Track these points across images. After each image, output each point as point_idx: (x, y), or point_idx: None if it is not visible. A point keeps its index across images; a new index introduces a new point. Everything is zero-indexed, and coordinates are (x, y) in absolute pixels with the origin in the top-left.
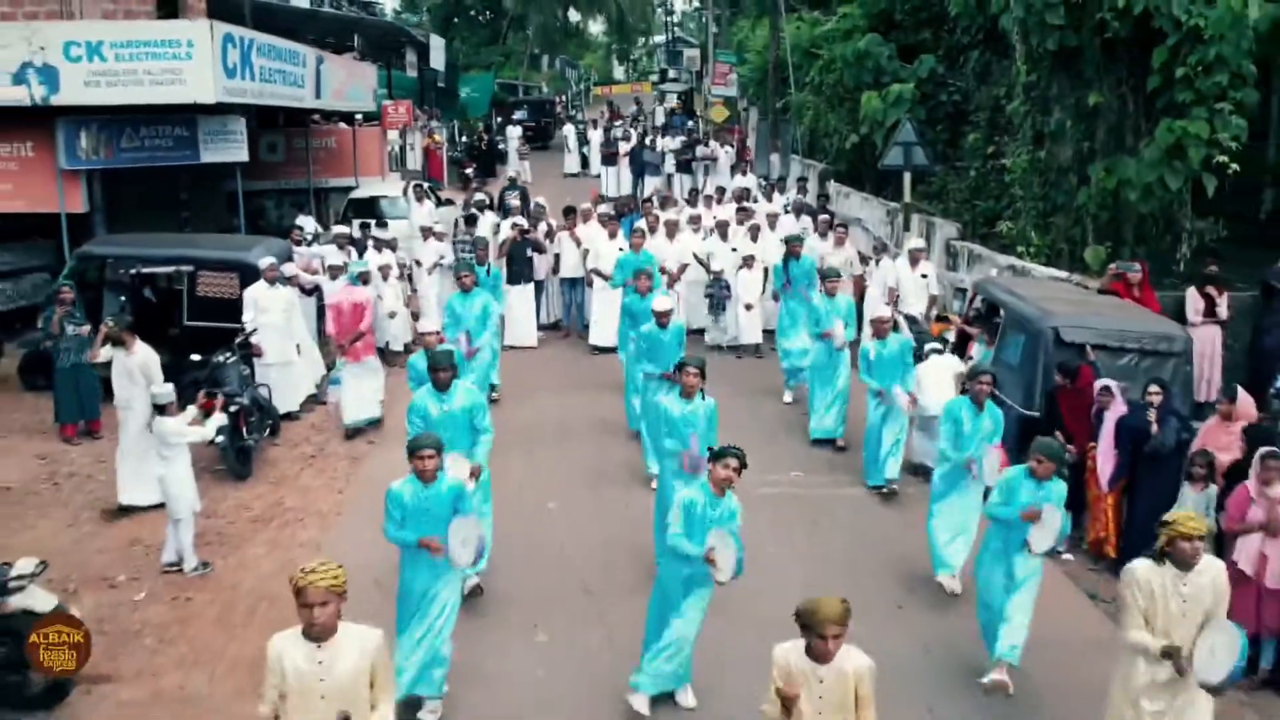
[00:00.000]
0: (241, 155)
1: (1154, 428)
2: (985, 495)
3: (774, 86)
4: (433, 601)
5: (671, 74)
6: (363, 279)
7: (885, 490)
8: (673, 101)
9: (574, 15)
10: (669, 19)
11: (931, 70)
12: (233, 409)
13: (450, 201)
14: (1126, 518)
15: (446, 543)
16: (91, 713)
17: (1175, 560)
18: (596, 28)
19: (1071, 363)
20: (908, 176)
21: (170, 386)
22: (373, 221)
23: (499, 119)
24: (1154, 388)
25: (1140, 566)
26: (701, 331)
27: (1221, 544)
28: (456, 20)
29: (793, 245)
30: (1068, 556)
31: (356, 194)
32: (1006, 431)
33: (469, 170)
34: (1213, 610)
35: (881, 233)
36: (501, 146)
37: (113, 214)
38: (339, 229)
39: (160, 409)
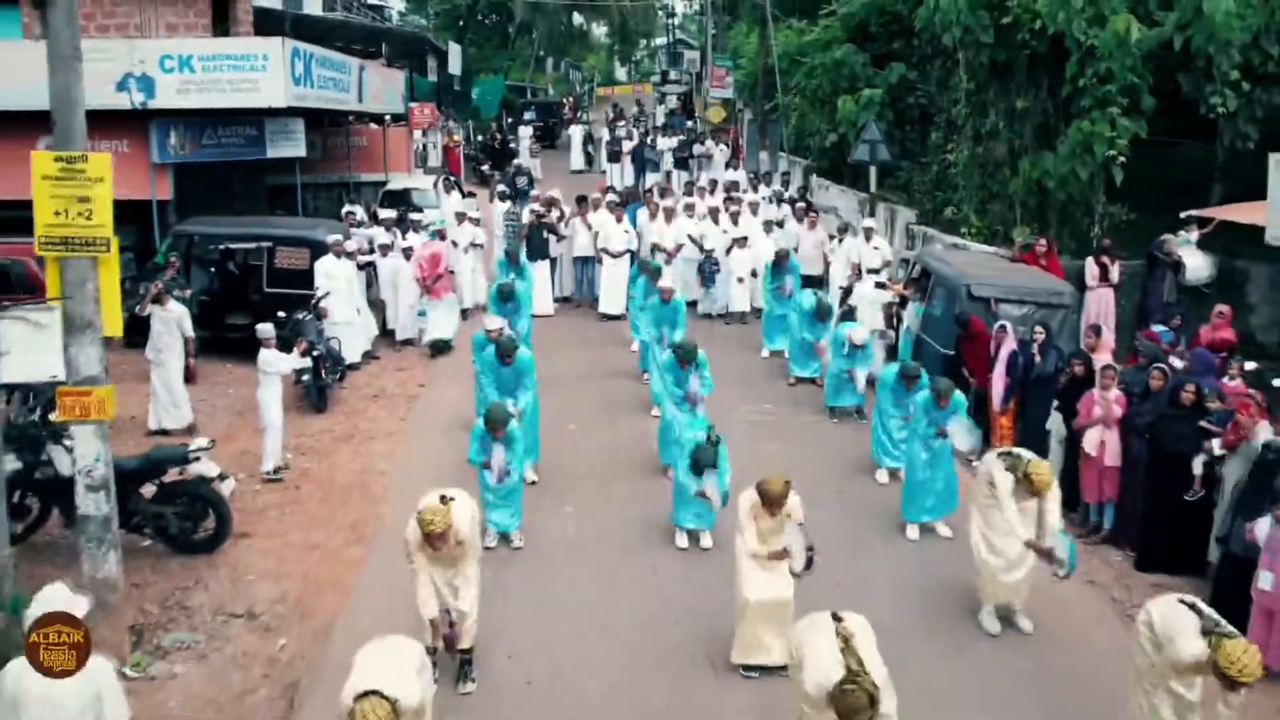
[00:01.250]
0: (300, 151)
1: (1036, 358)
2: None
3: (763, 90)
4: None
5: (672, 75)
6: (440, 235)
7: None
8: (673, 103)
9: (577, 18)
10: (670, 21)
11: (901, 77)
12: (315, 354)
13: (473, 194)
14: (1020, 432)
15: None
16: (242, 555)
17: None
18: (599, 30)
19: (964, 314)
20: (874, 170)
21: (271, 326)
22: (408, 209)
23: (509, 120)
24: (1038, 329)
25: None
26: (694, 303)
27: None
28: (463, 22)
29: (779, 256)
30: (978, 464)
31: (390, 187)
32: (931, 367)
33: (484, 167)
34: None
35: (854, 219)
36: (513, 145)
37: (181, 202)
38: (386, 214)
39: (262, 343)
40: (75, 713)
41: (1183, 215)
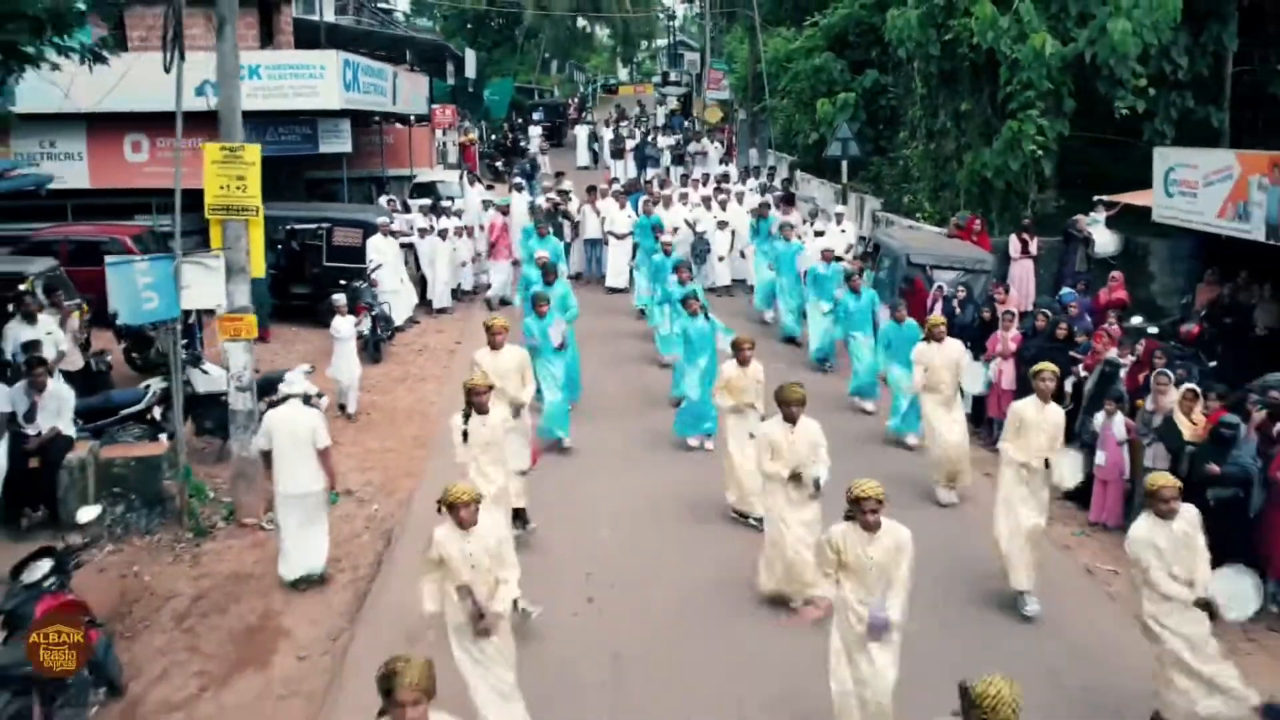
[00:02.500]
0: (346, 147)
1: (958, 310)
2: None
3: (753, 93)
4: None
5: (673, 76)
6: (502, 211)
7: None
8: (673, 103)
9: (580, 21)
10: (671, 24)
11: (874, 81)
12: (373, 315)
13: (491, 186)
14: None
15: None
16: (335, 455)
17: None
18: (602, 32)
19: (909, 275)
20: (845, 164)
21: (343, 296)
22: (437, 199)
23: (519, 120)
24: (960, 289)
25: None
26: None
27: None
28: (470, 25)
29: (761, 209)
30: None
31: (418, 180)
32: (879, 317)
33: (498, 164)
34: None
35: (829, 207)
36: (523, 144)
37: None
38: (423, 202)
39: (336, 311)
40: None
41: (1095, 199)
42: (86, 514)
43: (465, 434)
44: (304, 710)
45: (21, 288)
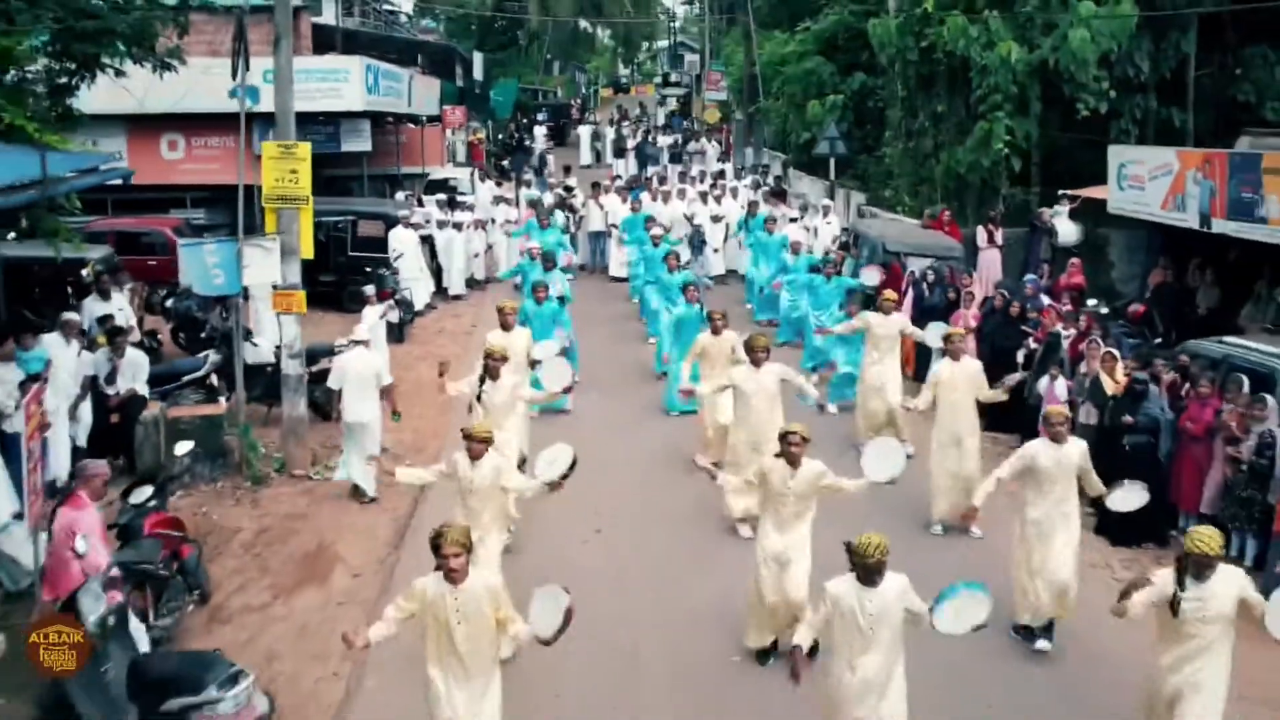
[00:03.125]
0: (366, 146)
1: (927, 292)
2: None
3: (748, 95)
4: None
5: (673, 77)
6: (531, 205)
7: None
8: (673, 104)
9: (582, 23)
10: (671, 25)
11: (862, 84)
12: (396, 298)
13: (500, 183)
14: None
15: None
16: None
17: None
18: (604, 34)
19: (887, 261)
20: (832, 162)
21: (373, 287)
22: (452, 194)
23: (523, 120)
24: (930, 273)
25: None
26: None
27: None
28: (474, 28)
29: (751, 207)
30: None
31: (432, 177)
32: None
33: (504, 162)
34: None
35: (818, 202)
36: (528, 143)
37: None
38: (439, 197)
39: (366, 300)
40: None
41: (1060, 193)
42: (182, 448)
43: (480, 396)
44: (360, 613)
45: (84, 272)
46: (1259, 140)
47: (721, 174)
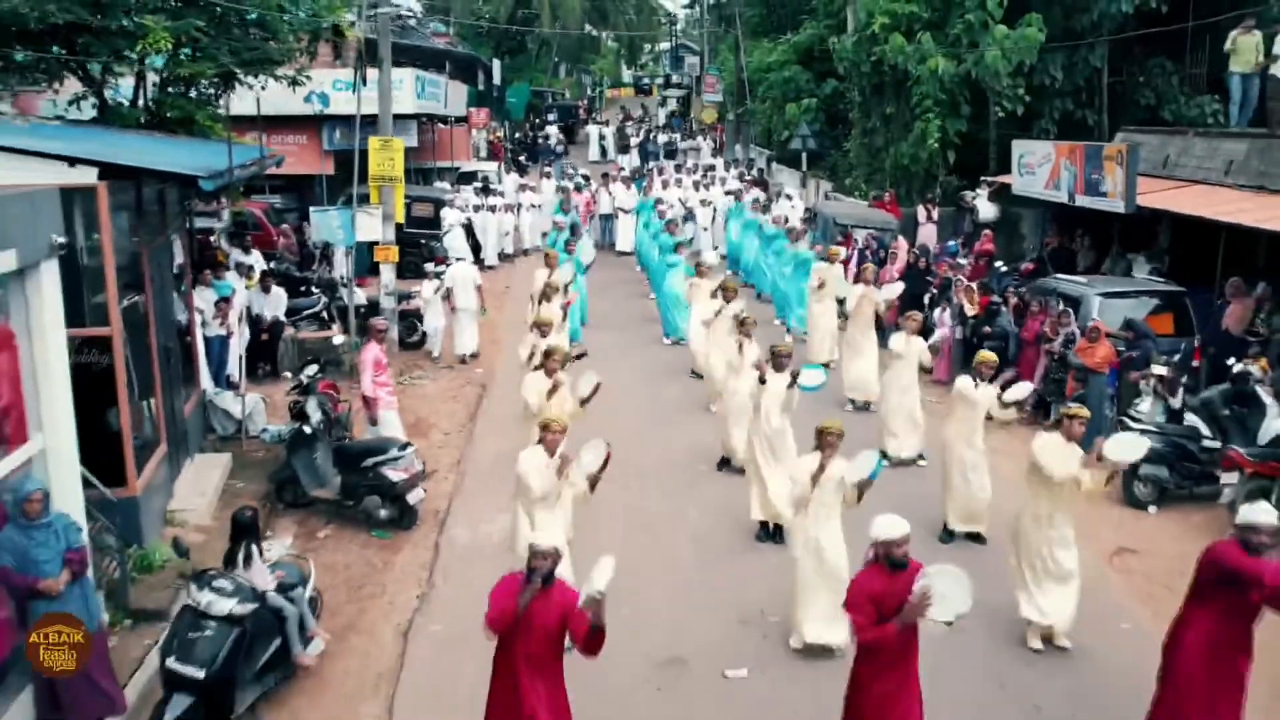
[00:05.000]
0: (413, 142)
1: (869, 254)
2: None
3: (738, 98)
4: None
5: (675, 79)
6: (577, 187)
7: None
8: (673, 105)
9: (587, 27)
10: (673, 28)
11: (834, 89)
12: (446, 265)
13: (523, 174)
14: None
15: None
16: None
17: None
18: (608, 37)
19: (839, 232)
20: (804, 156)
21: (432, 264)
22: (485, 183)
23: (536, 120)
24: (871, 240)
25: None
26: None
27: None
28: (482, 33)
29: (736, 194)
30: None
31: (463, 170)
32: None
33: (521, 157)
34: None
35: (791, 189)
36: (540, 141)
37: (335, 177)
38: (475, 185)
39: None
40: None
41: (980, 179)
42: (312, 369)
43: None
44: (454, 453)
45: (211, 238)
46: (1129, 135)
47: (712, 167)
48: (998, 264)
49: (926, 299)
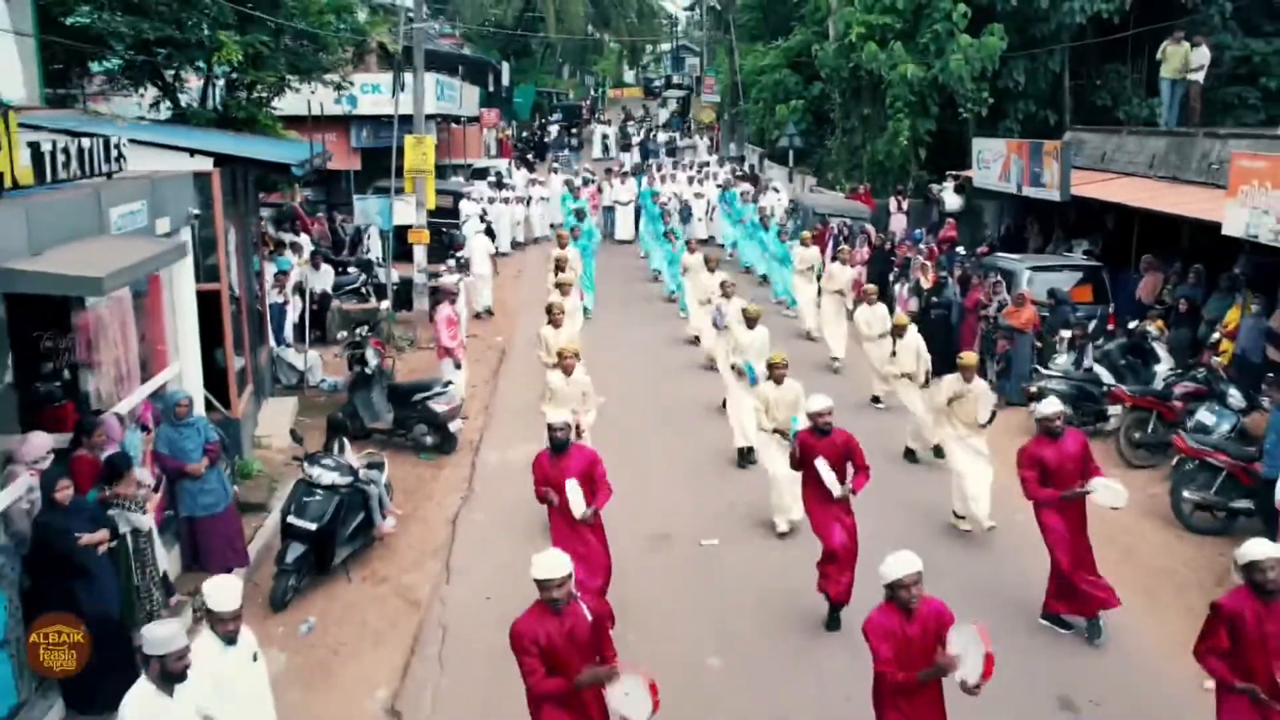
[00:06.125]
0: (433, 140)
1: (843, 240)
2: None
3: (732, 99)
4: None
5: (675, 80)
6: (585, 181)
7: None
8: (673, 105)
9: (590, 29)
10: (674, 30)
11: (820, 91)
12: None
13: (532, 169)
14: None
15: None
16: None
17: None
18: (610, 39)
19: (817, 220)
20: (791, 153)
21: (453, 262)
22: (499, 177)
23: (541, 120)
24: (845, 227)
25: None
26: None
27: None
28: (486, 36)
29: (726, 185)
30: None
31: (476, 166)
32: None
33: (529, 155)
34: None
35: (784, 185)
36: (547, 140)
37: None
38: (490, 179)
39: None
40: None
41: (947, 173)
42: (362, 330)
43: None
44: (482, 401)
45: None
46: (1076, 134)
47: (706, 163)
48: (959, 248)
49: (891, 276)
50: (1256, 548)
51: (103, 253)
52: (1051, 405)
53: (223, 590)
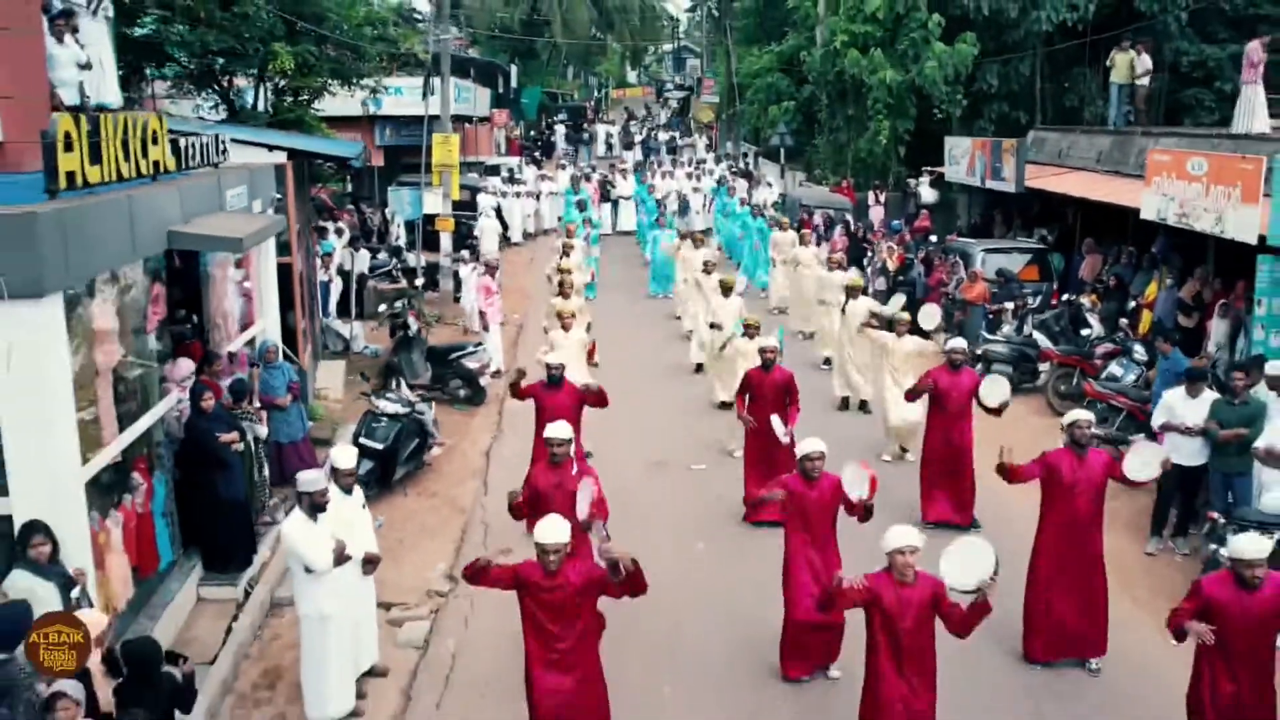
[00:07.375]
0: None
1: (823, 230)
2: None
3: (729, 99)
4: None
5: (676, 80)
6: (585, 177)
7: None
8: (673, 105)
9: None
10: (675, 31)
11: (811, 93)
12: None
13: (541, 166)
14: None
15: None
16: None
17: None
18: (614, 40)
19: (803, 214)
20: (782, 151)
21: (467, 252)
22: (511, 173)
23: (548, 120)
24: (826, 219)
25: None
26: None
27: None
28: (492, 38)
29: (720, 181)
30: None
31: (488, 163)
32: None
33: (536, 154)
34: None
35: (775, 180)
36: (553, 140)
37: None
38: (503, 174)
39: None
40: None
41: (923, 168)
42: (399, 303)
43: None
44: (506, 361)
45: None
46: (1039, 133)
47: (703, 160)
48: (931, 237)
49: (864, 261)
50: (1074, 413)
51: (230, 222)
52: (958, 342)
53: (344, 453)
